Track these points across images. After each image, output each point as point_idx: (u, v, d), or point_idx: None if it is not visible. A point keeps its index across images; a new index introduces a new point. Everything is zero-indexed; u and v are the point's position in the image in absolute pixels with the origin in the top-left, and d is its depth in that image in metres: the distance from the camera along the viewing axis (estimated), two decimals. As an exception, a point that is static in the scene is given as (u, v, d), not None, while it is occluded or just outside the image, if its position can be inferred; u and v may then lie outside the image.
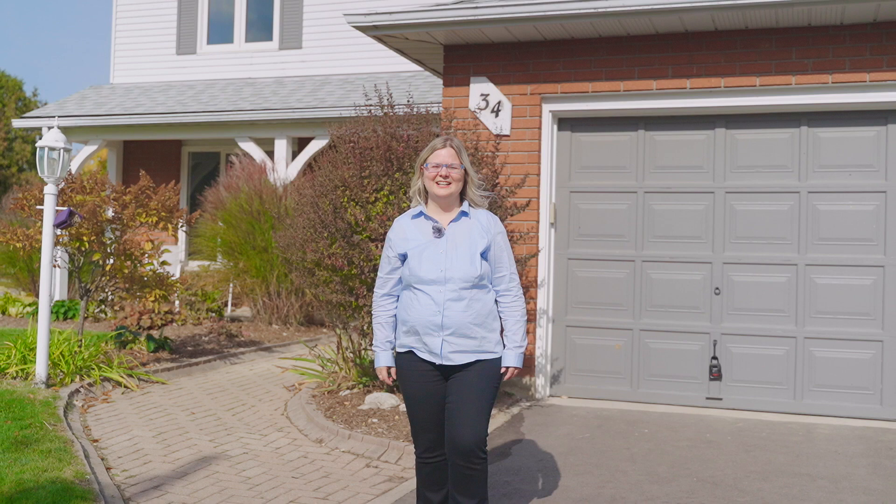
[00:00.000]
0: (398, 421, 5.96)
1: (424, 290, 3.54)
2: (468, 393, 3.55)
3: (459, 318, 3.51)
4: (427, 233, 3.61)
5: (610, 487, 4.74)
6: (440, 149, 3.60)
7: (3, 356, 7.02)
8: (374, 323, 3.75)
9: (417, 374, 3.61)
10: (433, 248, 3.57)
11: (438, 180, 3.57)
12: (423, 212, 3.66)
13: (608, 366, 7.18)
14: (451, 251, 3.55)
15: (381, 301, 3.72)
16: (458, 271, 3.53)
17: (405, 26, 7.07)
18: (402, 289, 3.68)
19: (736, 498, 4.58)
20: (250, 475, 4.99)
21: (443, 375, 3.61)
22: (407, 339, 3.64)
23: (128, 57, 14.41)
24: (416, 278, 3.56)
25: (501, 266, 3.66)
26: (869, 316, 6.64)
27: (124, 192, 7.67)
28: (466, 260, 3.54)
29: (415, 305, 3.57)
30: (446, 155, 3.58)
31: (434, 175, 3.58)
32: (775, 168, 6.89)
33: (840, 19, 6.42)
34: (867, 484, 4.87)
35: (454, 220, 3.63)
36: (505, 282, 3.67)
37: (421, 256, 3.56)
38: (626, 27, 6.82)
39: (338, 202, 6.02)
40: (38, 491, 4.25)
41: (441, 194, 3.58)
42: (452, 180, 3.57)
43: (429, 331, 3.54)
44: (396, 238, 3.67)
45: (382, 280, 3.72)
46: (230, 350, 9.10)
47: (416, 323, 3.56)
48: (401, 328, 3.67)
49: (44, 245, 6.60)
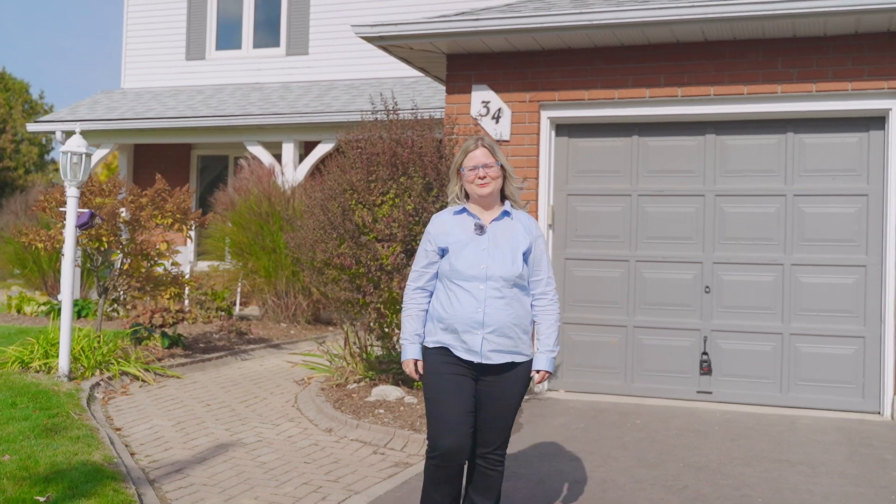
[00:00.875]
0: (403, 412, 6.30)
1: (464, 286, 3.54)
2: (505, 403, 3.60)
3: (500, 316, 3.52)
4: (468, 229, 3.61)
5: (602, 471, 5.07)
6: (473, 150, 3.63)
7: (26, 351, 7.36)
8: (405, 315, 3.72)
9: (450, 372, 3.56)
10: (475, 245, 3.57)
11: (477, 181, 3.60)
12: (465, 208, 3.67)
13: (604, 361, 7.51)
14: (493, 249, 3.57)
15: (414, 294, 3.70)
16: (499, 269, 3.53)
17: (410, 37, 7.41)
18: (434, 285, 3.69)
19: (719, 481, 4.92)
20: (265, 460, 5.33)
21: (474, 374, 3.59)
22: (442, 336, 3.60)
23: (138, 62, 14.78)
24: (457, 273, 3.55)
25: (540, 269, 3.66)
26: (851, 313, 6.97)
27: (141, 195, 8.01)
28: (508, 258, 3.56)
29: (454, 303, 3.56)
30: (481, 155, 3.62)
31: (472, 178, 3.61)
32: (763, 172, 7.22)
33: (823, 31, 6.75)
34: (842, 469, 5.20)
35: (496, 219, 3.65)
36: (542, 285, 3.67)
37: (462, 252, 3.57)
38: (620, 38, 7.15)
39: (346, 205, 6.36)
40: (70, 472, 4.59)
41: (483, 193, 3.60)
42: (491, 178, 3.60)
43: (469, 328, 3.52)
44: (436, 232, 3.66)
45: (418, 273, 3.70)
46: (240, 347, 9.45)
47: (456, 320, 3.54)
48: (436, 325, 3.63)
49: (66, 245, 6.95)
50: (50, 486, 4.34)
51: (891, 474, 5.10)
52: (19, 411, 5.84)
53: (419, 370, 3.66)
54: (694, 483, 4.87)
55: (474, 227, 3.60)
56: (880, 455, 5.54)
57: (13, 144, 37.67)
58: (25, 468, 4.62)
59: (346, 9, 13.38)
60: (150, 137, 13.21)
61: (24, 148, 38.25)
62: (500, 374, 3.58)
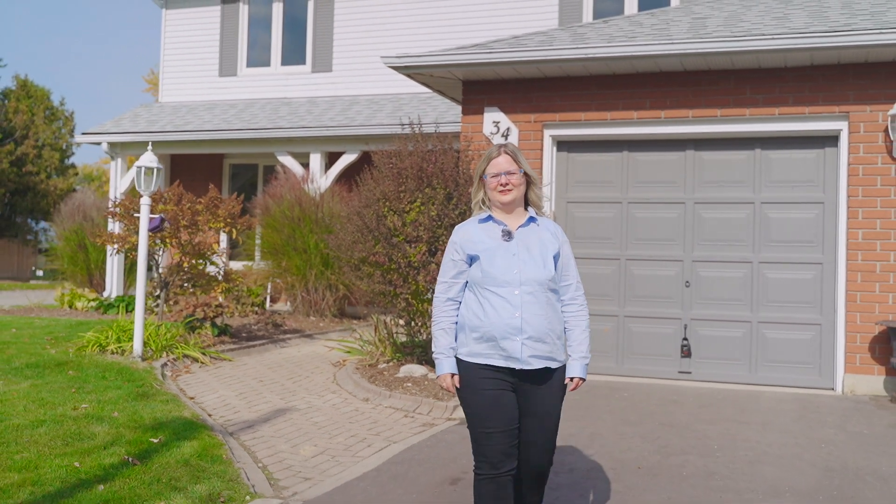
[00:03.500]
0: (427, 385, 7.49)
1: (498, 292, 3.46)
2: (549, 416, 3.54)
3: (537, 321, 3.44)
4: (496, 236, 3.55)
5: (592, 428, 6.26)
6: (496, 157, 3.59)
7: (102, 337, 8.58)
8: (437, 329, 3.58)
9: (489, 387, 3.46)
10: (505, 251, 3.51)
11: (499, 188, 3.56)
12: (491, 216, 3.61)
13: (598, 346, 8.69)
14: (524, 253, 3.52)
15: (445, 306, 3.58)
16: (533, 273, 3.48)
17: (431, 66, 8.63)
18: (463, 295, 3.60)
19: (685, 434, 6.10)
20: (317, 420, 6.53)
21: (513, 384, 3.49)
22: (478, 347, 3.48)
23: (175, 78, 16.04)
24: (491, 279, 3.48)
25: (569, 274, 3.62)
26: (810, 304, 8.14)
27: (196, 202, 9.24)
28: (540, 262, 3.51)
29: (488, 310, 3.47)
30: (504, 162, 3.57)
31: (495, 184, 3.56)
32: (734, 183, 8.40)
33: (784, 64, 7.94)
34: (788, 427, 6.38)
35: (523, 224, 3.60)
36: (572, 290, 3.62)
37: (493, 258, 3.50)
38: (611, 68, 8.35)
39: (380, 212, 7.57)
40: (170, 423, 5.80)
41: (505, 201, 3.56)
42: (513, 185, 3.55)
43: (507, 334, 3.43)
44: (462, 241, 3.59)
45: (447, 285, 3.60)
46: (278, 336, 10.66)
47: (493, 328, 3.44)
48: (468, 335, 3.51)
49: (140, 245, 8.16)
50: (158, 433, 5.55)
51: (826, 431, 6.27)
52: (111, 382, 7.06)
53: (456, 384, 3.54)
54: (665, 435, 6.05)
55: (502, 233, 3.55)
56: (823, 418, 6.72)
57: (35, 150, 38.95)
58: (134, 421, 5.84)
59: (367, 29, 14.61)
60: (188, 148, 14.45)
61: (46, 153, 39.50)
62: (538, 381, 3.50)
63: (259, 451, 5.60)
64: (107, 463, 4.89)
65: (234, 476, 4.84)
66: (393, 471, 5.18)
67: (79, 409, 6.07)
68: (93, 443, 5.27)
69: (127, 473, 4.72)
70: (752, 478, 5.04)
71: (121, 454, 5.05)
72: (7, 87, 39.00)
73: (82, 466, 4.80)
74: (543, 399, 3.51)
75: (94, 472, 4.71)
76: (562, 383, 3.57)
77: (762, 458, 5.49)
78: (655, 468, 5.23)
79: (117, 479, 4.61)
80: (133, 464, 4.90)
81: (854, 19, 7.92)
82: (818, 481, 4.99)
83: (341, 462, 5.41)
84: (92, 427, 5.61)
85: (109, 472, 4.74)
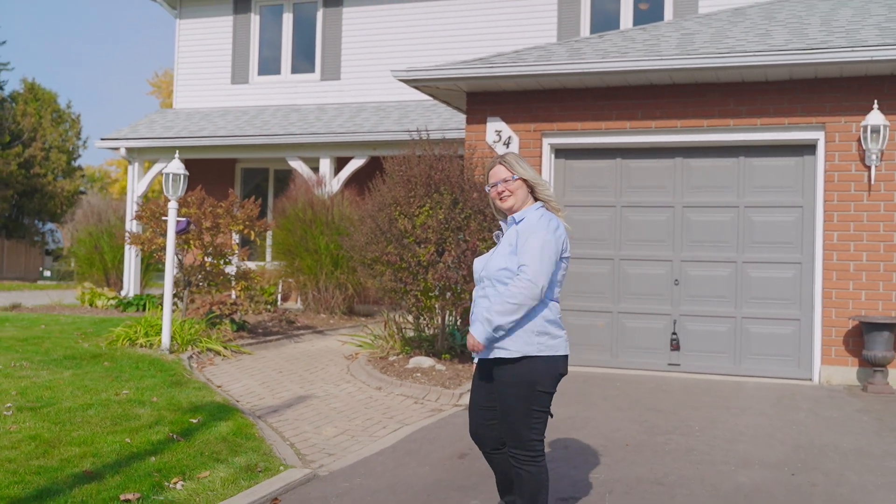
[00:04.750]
0: (435, 375, 8.11)
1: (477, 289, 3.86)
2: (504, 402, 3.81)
3: (478, 311, 3.76)
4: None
5: (586, 413, 6.89)
6: (493, 168, 3.86)
7: (131, 331, 9.20)
8: None
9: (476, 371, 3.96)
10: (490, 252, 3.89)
11: (497, 197, 3.83)
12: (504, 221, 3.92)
13: (593, 340, 9.32)
14: (493, 251, 3.84)
15: None
16: (488, 270, 3.76)
17: (438, 80, 9.26)
18: None
19: (670, 418, 6.73)
20: (335, 406, 7.16)
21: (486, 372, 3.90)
22: None
23: (189, 85, 16.68)
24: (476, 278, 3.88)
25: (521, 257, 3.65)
26: (790, 301, 8.76)
27: (217, 206, 9.87)
28: (496, 258, 3.76)
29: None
30: (499, 172, 3.81)
31: (494, 194, 3.83)
32: (720, 188, 9.03)
33: (765, 77, 8.57)
34: (764, 412, 7.01)
35: (508, 227, 3.86)
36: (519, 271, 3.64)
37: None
38: (606, 82, 8.98)
39: (392, 215, 8.20)
40: (205, 407, 6.43)
41: (503, 207, 3.83)
42: (510, 192, 3.77)
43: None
44: None
45: None
46: (292, 332, 11.29)
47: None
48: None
49: (168, 247, 8.79)
50: (195, 415, 6.18)
51: (799, 415, 6.90)
52: (145, 372, 7.69)
53: None
54: (652, 419, 6.68)
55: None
56: (797, 404, 7.35)
57: (43, 152, 39.54)
58: (172, 405, 6.47)
59: (374, 40, 15.24)
60: (202, 153, 15.08)
61: (54, 155, 40.09)
62: (496, 370, 3.72)
63: (285, 431, 6.23)
64: (154, 439, 5.52)
65: (268, 451, 5.47)
66: (407, 447, 5.80)
67: (121, 395, 6.70)
68: (138, 423, 5.90)
69: (173, 448, 5.35)
70: (727, 453, 5.67)
71: (165, 432, 5.68)
72: (15, 91, 39.65)
73: (133, 442, 5.42)
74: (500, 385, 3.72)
75: (144, 447, 5.34)
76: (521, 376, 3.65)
77: (738, 437, 6.11)
78: (642, 445, 5.85)
79: (165, 453, 5.24)
80: (177, 440, 5.52)
81: (831, 37, 8.55)
82: (786, 455, 5.62)
83: (360, 441, 6.04)
84: (135, 410, 6.24)
85: (157, 446, 5.37)
